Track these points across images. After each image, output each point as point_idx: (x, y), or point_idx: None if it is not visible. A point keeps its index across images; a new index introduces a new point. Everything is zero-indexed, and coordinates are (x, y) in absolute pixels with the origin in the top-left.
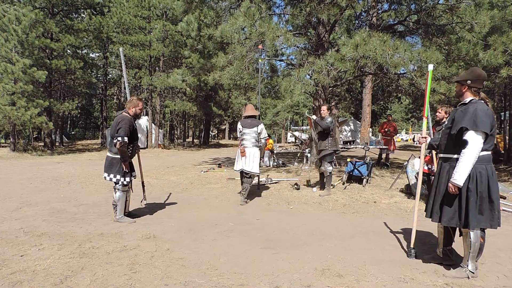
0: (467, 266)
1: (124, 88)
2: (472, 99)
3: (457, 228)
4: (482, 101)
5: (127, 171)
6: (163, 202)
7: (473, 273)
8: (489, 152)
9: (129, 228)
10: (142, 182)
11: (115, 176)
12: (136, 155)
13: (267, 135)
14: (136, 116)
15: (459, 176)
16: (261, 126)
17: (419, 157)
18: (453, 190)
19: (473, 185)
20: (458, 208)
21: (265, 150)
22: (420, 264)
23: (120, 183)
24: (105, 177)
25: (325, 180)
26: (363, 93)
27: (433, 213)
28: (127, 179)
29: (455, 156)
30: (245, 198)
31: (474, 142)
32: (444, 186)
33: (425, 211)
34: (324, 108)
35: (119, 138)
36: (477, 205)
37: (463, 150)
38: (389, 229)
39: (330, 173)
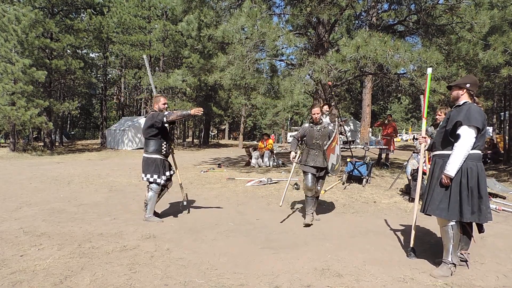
0: (451, 260)
1: (151, 91)
2: (466, 101)
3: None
4: (475, 104)
5: (200, 112)
6: (163, 202)
7: (455, 265)
8: (479, 151)
9: (129, 228)
10: (180, 184)
11: (152, 176)
12: (172, 156)
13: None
14: (161, 112)
15: (451, 167)
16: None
17: (417, 153)
18: (446, 181)
19: (465, 179)
20: (448, 201)
21: (265, 150)
22: (420, 264)
23: (155, 182)
24: (142, 178)
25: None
26: (363, 93)
27: (425, 206)
28: (164, 177)
29: (449, 152)
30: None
31: (467, 135)
32: (437, 180)
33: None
34: (316, 110)
35: (164, 119)
36: (469, 199)
37: (455, 144)
38: (389, 229)
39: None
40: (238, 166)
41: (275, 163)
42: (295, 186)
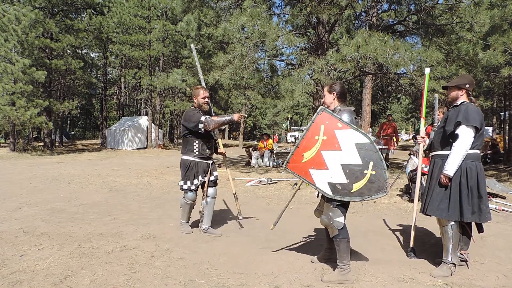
0: (450, 259)
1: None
2: (464, 101)
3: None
4: (473, 104)
5: (243, 116)
6: (163, 202)
7: (455, 265)
8: (478, 151)
9: (129, 228)
10: (234, 194)
11: (180, 181)
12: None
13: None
14: (200, 107)
15: (450, 167)
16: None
17: (413, 154)
18: (445, 181)
19: (464, 179)
20: (449, 201)
21: (264, 150)
22: (420, 264)
23: (182, 189)
24: None
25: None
26: (363, 93)
27: (425, 207)
28: (188, 183)
29: (448, 152)
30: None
31: (465, 135)
32: (436, 181)
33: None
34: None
35: (199, 125)
36: (469, 198)
37: (454, 143)
38: (388, 229)
39: (341, 229)
40: (238, 166)
41: (275, 163)
42: (295, 186)
